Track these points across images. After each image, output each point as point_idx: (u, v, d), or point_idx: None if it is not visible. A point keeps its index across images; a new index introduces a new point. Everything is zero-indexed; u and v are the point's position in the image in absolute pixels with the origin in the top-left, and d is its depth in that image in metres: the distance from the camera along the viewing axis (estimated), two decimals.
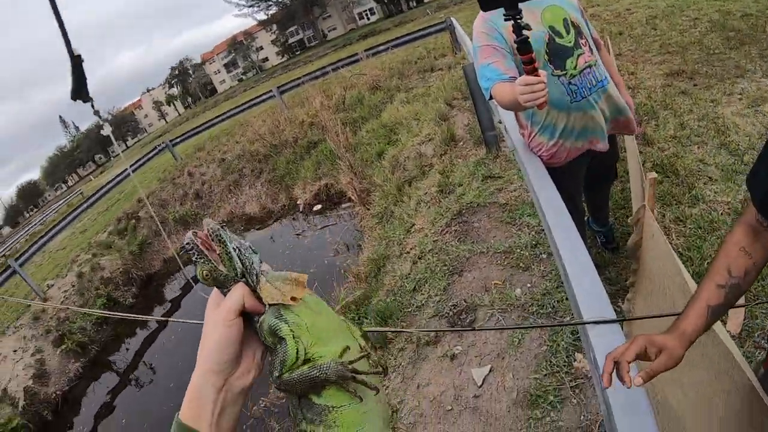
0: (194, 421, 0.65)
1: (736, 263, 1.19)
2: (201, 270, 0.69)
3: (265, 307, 0.70)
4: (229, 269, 0.69)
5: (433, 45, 15.03)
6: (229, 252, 0.70)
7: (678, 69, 6.33)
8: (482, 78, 2.45)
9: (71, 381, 9.54)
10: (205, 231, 0.71)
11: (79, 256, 13.20)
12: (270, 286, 0.71)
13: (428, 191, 5.70)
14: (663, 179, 4.16)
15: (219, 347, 0.67)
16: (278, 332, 0.68)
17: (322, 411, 0.69)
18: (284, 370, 0.68)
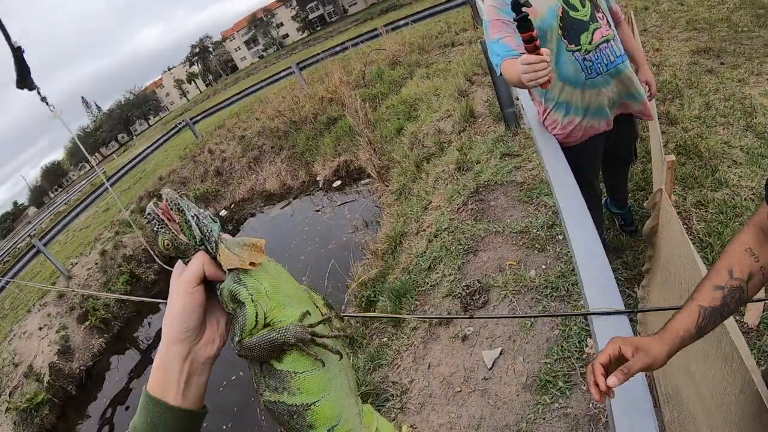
0: (161, 391, 0.66)
1: (739, 264, 1.09)
2: (162, 240, 0.69)
3: (225, 274, 0.70)
4: (189, 238, 0.69)
5: (454, 19, 14.82)
6: (188, 220, 0.69)
7: (705, 46, 6.13)
8: (492, 54, 2.38)
9: (95, 356, 9.76)
10: (164, 201, 0.69)
11: (102, 235, 13.42)
12: (228, 252, 0.70)
13: (446, 168, 5.65)
14: (686, 161, 4.04)
15: (182, 315, 0.67)
16: (238, 296, 0.68)
17: (284, 377, 0.69)
18: (244, 335, 0.67)
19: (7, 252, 16.83)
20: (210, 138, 16.01)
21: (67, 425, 8.48)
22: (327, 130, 12.09)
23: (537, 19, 2.26)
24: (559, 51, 2.35)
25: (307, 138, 12.49)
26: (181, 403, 0.66)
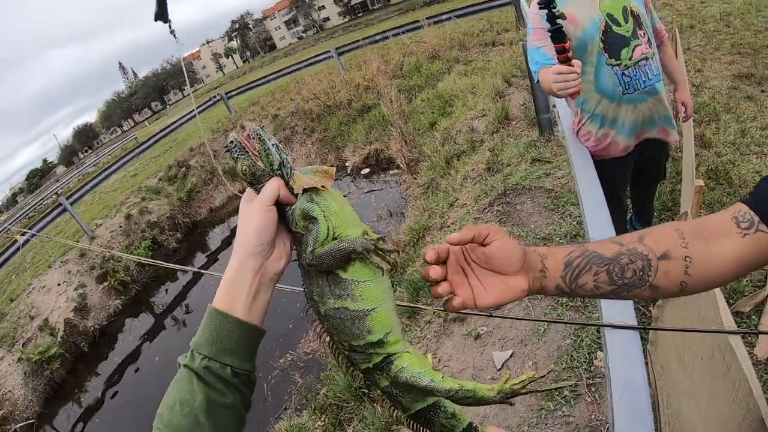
0: (229, 306, 0.71)
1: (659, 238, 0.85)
2: (241, 165, 0.76)
3: (296, 198, 0.77)
4: (266, 164, 0.76)
5: (497, 19, 14.70)
6: (268, 148, 0.77)
7: (747, 72, 6.04)
8: (531, 61, 2.44)
9: (110, 317, 10.05)
10: (246, 131, 0.77)
11: (129, 199, 13.67)
12: (303, 175, 0.79)
13: (476, 167, 5.67)
14: (715, 186, 4.01)
15: (258, 231, 0.74)
16: (311, 213, 0.76)
17: (348, 285, 0.76)
18: (317, 245, 0.75)
19: (33, 207, 17.19)
20: (243, 114, 16.17)
21: (76, 380, 8.74)
22: (360, 117, 12.15)
23: (579, 31, 2.31)
24: (599, 64, 2.38)
25: (339, 123, 12.57)
26: (247, 317, 0.72)
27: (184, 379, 0.67)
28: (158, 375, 7.67)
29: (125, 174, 17.28)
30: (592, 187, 2.23)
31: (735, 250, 0.82)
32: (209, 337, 0.69)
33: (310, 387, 5.01)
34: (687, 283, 0.83)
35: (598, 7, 2.32)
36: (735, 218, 0.84)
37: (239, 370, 0.69)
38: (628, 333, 1.41)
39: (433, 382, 0.77)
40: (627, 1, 2.34)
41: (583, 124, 2.65)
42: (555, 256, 0.84)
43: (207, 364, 0.67)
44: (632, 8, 2.35)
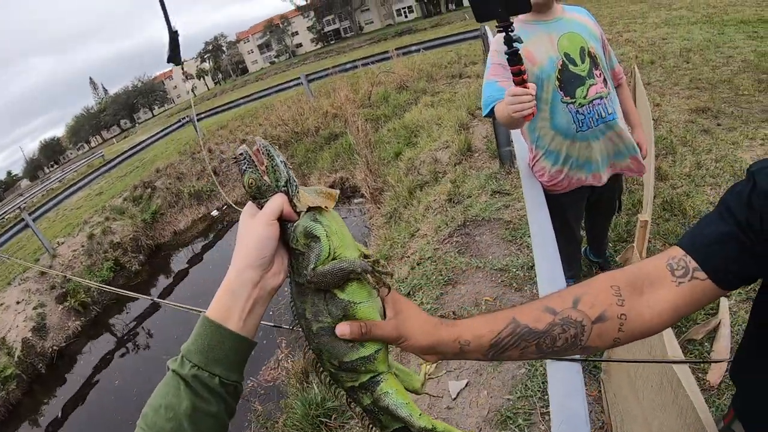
0: (224, 317, 0.72)
1: (594, 298, 0.83)
2: (248, 178, 0.78)
3: (298, 215, 0.79)
4: (272, 180, 0.78)
5: (465, 51, 15.02)
6: (276, 164, 0.79)
7: (704, 106, 6.30)
8: (484, 94, 2.47)
9: (69, 338, 9.78)
10: (256, 146, 0.80)
11: (92, 218, 13.42)
12: (307, 194, 0.81)
13: (437, 198, 5.75)
14: (670, 217, 4.16)
15: (260, 244, 0.75)
16: (314, 231, 0.78)
17: (345, 305, 0.79)
18: (318, 263, 0.77)
19: None
20: (211, 137, 16.12)
21: (32, 402, 8.47)
22: (327, 144, 12.23)
23: (536, 68, 2.37)
24: (554, 101, 2.44)
25: (306, 150, 12.63)
26: (240, 329, 0.73)
27: (172, 383, 0.69)
28: (117, 398, 7.50)
29: (90, 192, 17.00)
30: (543, 223, 2.29)
31: (670, 300, 0.82)
32: (200, 346, 0.70)
33: (270, 415, 4.96)
34: (620, 338, 0.83)
35: (556, 47, 2.39)
36: (669, 265, 0.85)
37: (227, 381, 0.71)
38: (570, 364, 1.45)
39: (410, 417, 0.81)
40: (585, 42, 2.42)
41: (538, 160, 2.70)
42: (480, 340, 0.83)
43: (196, 373, 0.68)
44: (590, 49, 2.43)
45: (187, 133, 18.50)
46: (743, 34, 10.20)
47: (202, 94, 70.75)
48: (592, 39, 2.46)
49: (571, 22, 2.46)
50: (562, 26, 2.43)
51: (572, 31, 2.42)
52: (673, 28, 12.39)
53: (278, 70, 55.40)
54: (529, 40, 2.26)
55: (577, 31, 2.43)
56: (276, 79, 33.26)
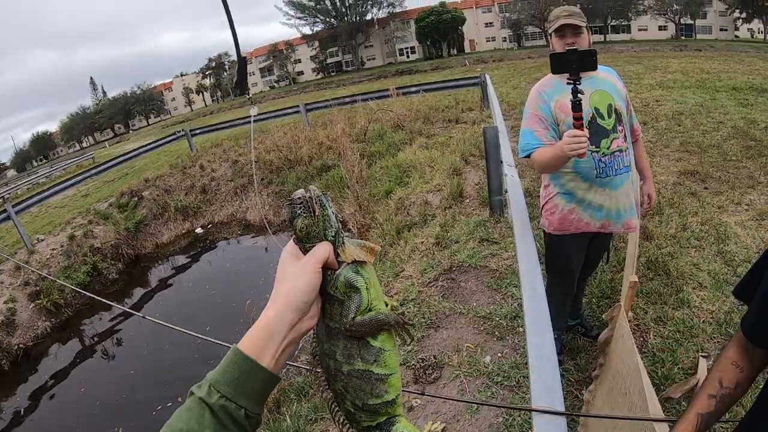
0: (258, 352, 0.74)
1: (728, 375, 1.27)
2: (302, 223, 0.81)
3: (339, 265, 0.83)
4: (321, 229, 0.82)
5: (464, 97, 15.29)
6: (328, 215, 0.83)
7: (693, 169, 6.50)
8: (523, 140, 2.80)
9: (37, 338, 9.57)
10: (310, 193, 0.83)
11: (75, 219, 13.27)
12: (352, 247, 0.85)
13: (425, 241, 5.79)
14: (654, 277, 4.27)
15: (306, 289, 0.78)
16: (355, 283, 0.82)
17: (376, 352, 0.84)
18: (357, 314, 0.81)
19: None
20: (204, 154, 16.12)
21: None
22: (319, 175, 12.29)
23: (569, 118, 2.55)
24: None
25: (297, 178, 12.67)
26: (272, 366, 0.75)
27: (196, 409, 0.69)
28: (80, 406, 7.32)
29: (76, 192, 16.82)
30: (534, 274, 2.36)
31: None
32: (231, 378, 0.71)
33: None
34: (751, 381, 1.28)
35: (588, 102, 2.63)
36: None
37: (252, 413, 0.72)
38: (556, 418, 1.49)
39: None
40: (613, 100, 2.72)
41: (551, 198, 2.94)
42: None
43: (223, 403, 0.69)
44: (616, 106, 2.72)
45: (180, 146, 18.49)
46: (734, 101, 10.55)
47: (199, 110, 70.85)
48: (619, 98, 2.75)
49: (603, 81, 2.75)
50: (594, 84, 2.70)
51: (603, 89, 2.71)
52: (667, 91, 12.76)
53: (277, 95, 55.71)
54: (568, 93, 2.43)
55: (607, 89, 2.73)
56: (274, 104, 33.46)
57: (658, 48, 37.72)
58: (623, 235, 4.19)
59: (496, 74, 22.54)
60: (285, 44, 77.31)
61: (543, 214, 3.06)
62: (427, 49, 65.20)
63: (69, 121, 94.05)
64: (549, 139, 2.70)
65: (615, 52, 34.39)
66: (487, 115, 12.16)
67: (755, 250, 4.47)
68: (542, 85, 2.81)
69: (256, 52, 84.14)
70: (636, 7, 53.56)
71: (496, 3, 64.20)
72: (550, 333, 1.90)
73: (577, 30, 2.65)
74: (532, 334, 1.92)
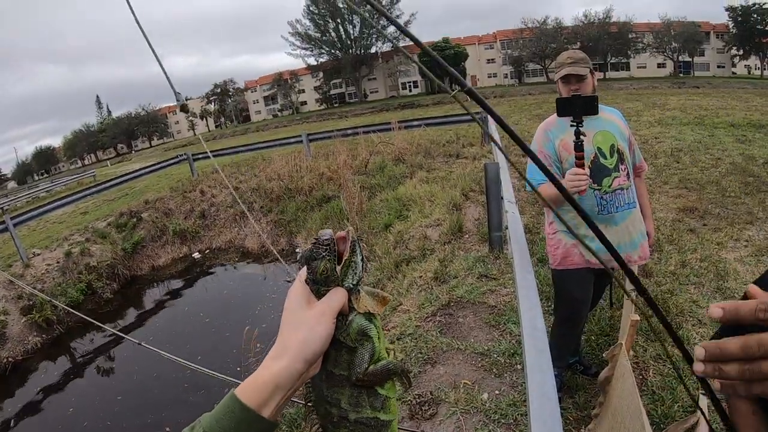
0: (260, 403, 0.69)
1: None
2: (323, 267, 0.78)
3: (350, 311, 0.81)
4: (342, 275, 0.80)
5: (464, 132, 15.43)
6: (355, 263, 0.81)
7: (691, 206, 6.54)
8: (528, 173, 2.95)
9: (27, 353, 9.47)
10: (344, 234, 0.82)
11: (73, 236, 13.24)
12: (367, 297, 0.84)
13: (423, 275, 5.78)
14: (652, 314, 4.23)
15: (320, 340, 0.74)
16: (368, 332, 0.81)
17: (383, 399, 0.84)
18: (370, 364, 0.81)
19: None
20: (205, 179, 16.17)
21: None
22: (319, 206, 12.31)
23: (572, 157, 2.64)
24: None
25: (297, 208, 12.71)
26: (273, 416, 0.71)
27: None
28: (66, 427, 7.18)
29: (75, 209, 16.82)
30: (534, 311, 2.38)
31: None
32: (226, 427, 0.67)
33: None
34: None
35: (591, 141, 2.76)
36: None
37: None
38: None
39: None
40: (615, 140, 2.83)
41: (556, 234, 3.06)
42: None
43: None
44: (618, 147, 2.83)
45: (181, 170, 18.55)
46: (732, 137, 10.67)
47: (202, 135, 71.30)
48: (621, 139, 2.86)
49: (606, 122, 2.86)
50: (598, 124, 2.80)
51: (606, 130, 2.83)
52: (666, 128, 12.91)
53: (280, 123, 56.14)
54: (571, 133, 2.54)
55: (610, 130, 2.84)
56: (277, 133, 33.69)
57: (656, 85, 38.31)
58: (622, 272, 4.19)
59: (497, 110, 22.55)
60: (289, 74, 78.17)
61: (548, 250, 3.16)
62: (430, 84, 65.97)
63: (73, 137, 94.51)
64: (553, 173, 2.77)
65: (614, 89, 34.86)
66: (488, 151, 12.26)
67: None
68: (548, 124, 2.93)
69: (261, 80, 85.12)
70: (635, 45, 54.58)
71: (499, 40, 65.42)
72: (551, 371, 1.91)
73: (580, 78, 2.75)
74: (533, 371, 1.92)
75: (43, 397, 8.18)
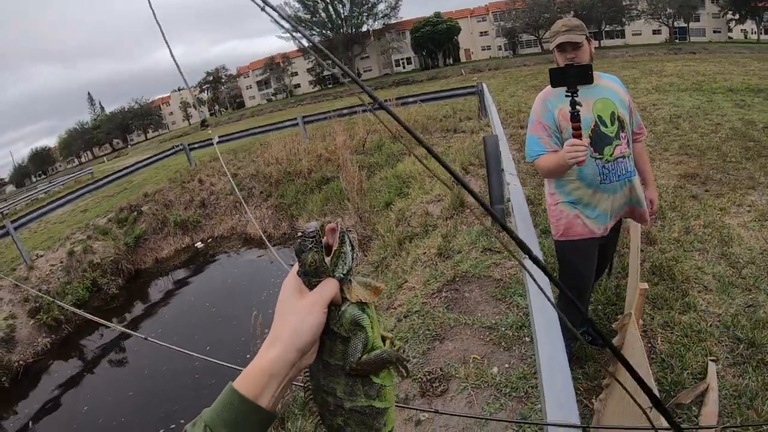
0: (255, 394, 0.71)
1: None
2: (312, 258, 0.78)
3: (343, 301, 0.80)
4: (332, 266, 0.79)
5: (461, 106, 15.30)
6: (345, 253, 0.80)
7: (693, 172, 6.50)
8: (529, 146, 2.92)
9: (37, 354, 9.49)
10: (334, 226, 0.81)
11: (75, 235, 13.23)
12: (359, 287, 0.83)
13: (427, 251, 5.75)
14: (658, 281, 4.24)
15: (311, 330, 0.75)
16: (361, 322, 0.80)
17: (378, 388, 0.83)
18: (363, 354, 0.79)
19: None
20: (203, 168, 16.11)
21: None
22: (318, 188, 12.26)
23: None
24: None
25: (297, 191, 12.66)
26: (270, 406, 0.71)
27: None
28: (81, 425, 7.21)
29: (75, 208, 16.75)
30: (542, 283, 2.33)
31: None
32: (227, 419, 0.68)
33: None
34: None
35: (591, 110, 2.72)
36: None
37: None
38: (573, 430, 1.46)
39: None
40: (615, 108, 2.78)
41: (558, 205, 3.00)
42: None
43: None
44: (619, 114, 2.78)
45: (178, 160, 18.48)
46: (731, 102, 10.60)
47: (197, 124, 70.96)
48: (621, 106, 2.80)
49: (605, 89, 2.81)
50: (597, 92, 2.76)
51: (605, 97, 2.77)
52: (664, 95, 12.81)
53: (274, 107, 55.88)
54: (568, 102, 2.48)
55: (610, 97, 2.78)
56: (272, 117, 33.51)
57: (652, 52, 38.00)
58: (626, 241, 4.17)
59: (492, 83, 22.59)
60: (281, 57, 77.53)
61: (550, 221, 3.12)
62: (423, 60, 65.47)
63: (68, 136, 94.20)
64: (552, 146, 2.78)
65: (610, 57, 34.64)
66: (485, 124, 12.15)
67: (759, 251, 4.46)
68: (546, 94, 2.86)
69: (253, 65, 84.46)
70: (629, 12, 53.95)
71: (491, 12, 64.63)
72: (561, 343, 1.88)
73: (576, 45, 2.69)
74: (544, 344, 1.89)
75: (57, 397, 8.22)
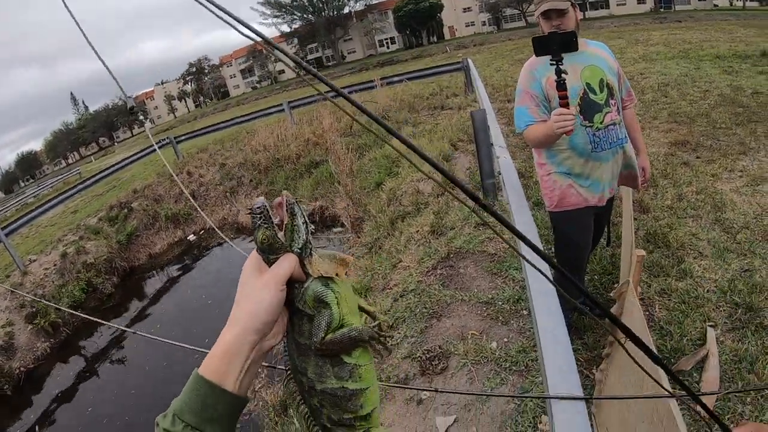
0: (220, 378, 0.68)
1: None
2: (263, 235, 0.74)
3: (307, 277, 0.76)
4: (288, 240, 0.75)
5: (447, 83, 15.24)
6: (297, 225, 0.76)
7: (683, 139, 6.48)
8: (517, 117, 2.86)
9: (38, 359, 9.42)
10: (279, 200, 0.77)
11: (66, 236, 13.09)
12: (321, 260, 0.78)
13: (420, 230, 5.71)
14: (653, 249, 4.23)
15: (268, 309, 0.71)
16: (324, 298, 0.75)
17: (351, 369, 0.78)
18: (328, 332, 0.75)
19: None
20: (191, 160, 16.00)
21: None
22: (308, 172, 12.20)
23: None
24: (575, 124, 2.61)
25: (286, 177, 12.59)
26: (237, 389, 0.69)
27: None
28: (87, 427, 7.18)
29: (65, 209, 16.61)
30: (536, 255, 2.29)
31: None
32: (194, 406, 0.66)
33: None
34: None
35: (579, 77, 2.66)
36: None
37: None
38: (575, 402, 1.42)
39: None
40: (604, 74, 2.73)
41: (550, 175, 2.94)
42: None
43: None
44: (608, 81, 2.73)
45: (166, 154, 18.31)
46: (718, 69, 10.58)
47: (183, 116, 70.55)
48: (610, 73, 2.76)
49: (593, 56, 2.77)
50: (585, 59, 2.72)
51: (593, 64, 2.73)
52: (651, 63, 12.79)
53: (260, 95, 55.52)
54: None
55: (598, 64, 2.74)
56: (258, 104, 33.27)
57: (638, 21, 37.83)
58: (619, 210, 4.13)
59: (478, 58, 22.48)
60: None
61: (543, 192, 3.06)
62: (407, 39, 65.10)
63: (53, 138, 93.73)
64: (541, 115, 2.73)
65: (596, 28, 34.48)
66: (473, 100, 12.08)
67: (752, 216, 4.45)
68: (533, 63, 2.80)
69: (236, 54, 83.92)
70: None
71: None
72: (560, 314, 1.84)
73: (561, 12, 2.63)
74: (542, 315, 1.85)
75: (61, 400, 8.18)
